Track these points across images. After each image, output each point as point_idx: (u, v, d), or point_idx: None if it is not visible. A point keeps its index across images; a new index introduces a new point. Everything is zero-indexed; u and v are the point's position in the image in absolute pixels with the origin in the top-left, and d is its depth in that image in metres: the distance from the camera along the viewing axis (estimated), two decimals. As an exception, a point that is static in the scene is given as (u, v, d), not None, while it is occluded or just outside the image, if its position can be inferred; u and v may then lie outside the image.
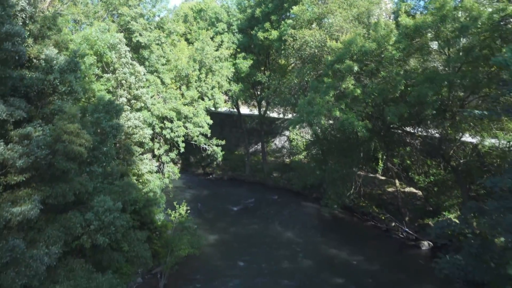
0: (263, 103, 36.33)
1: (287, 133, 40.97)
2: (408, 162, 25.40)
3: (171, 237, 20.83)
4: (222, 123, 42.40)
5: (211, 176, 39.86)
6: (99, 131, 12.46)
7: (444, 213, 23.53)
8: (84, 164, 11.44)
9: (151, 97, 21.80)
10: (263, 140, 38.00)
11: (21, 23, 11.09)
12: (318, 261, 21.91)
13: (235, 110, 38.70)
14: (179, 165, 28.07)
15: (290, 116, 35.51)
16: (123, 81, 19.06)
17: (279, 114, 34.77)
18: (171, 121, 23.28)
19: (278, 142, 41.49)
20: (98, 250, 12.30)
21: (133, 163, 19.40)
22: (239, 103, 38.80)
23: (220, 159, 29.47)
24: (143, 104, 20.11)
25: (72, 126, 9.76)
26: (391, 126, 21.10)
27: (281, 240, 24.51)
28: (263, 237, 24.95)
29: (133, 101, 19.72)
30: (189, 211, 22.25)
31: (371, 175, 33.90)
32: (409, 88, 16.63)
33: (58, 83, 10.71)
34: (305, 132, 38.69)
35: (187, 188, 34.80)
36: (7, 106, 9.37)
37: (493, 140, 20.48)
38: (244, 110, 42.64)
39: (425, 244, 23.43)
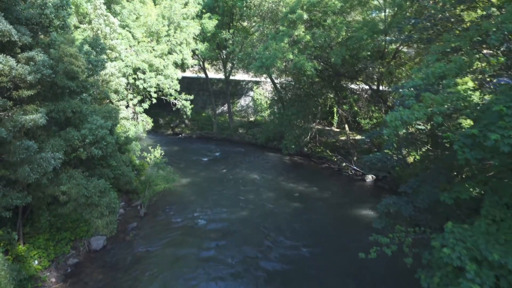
0: (228, 66, 38.66)
1: (251, 93, 43.70)
2: (356, 108, 28.99)
3: (148, 174, 23.40)
4: (189, 87, 44.38)
5: (180, 135, 42.11)
6: (88, 64, 14.54)
7: (386, 150, 27.45)
8: (78, 89, 13.64)
9: (125, 49, 23.63)
10: (229, 101, 40.50)
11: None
12: (278, 193, 25.31)
13: (202, 74, 40.80)
14: (149, 126, 30.05)
15: (253, 78, 38.42)
16: (99, 32, 20.80)
17: (244, 75, 37.38)
18: (144, 73, 25.30)
19: (243, 102, 44.17)
20: (92, 163, 14.73)
21: (111, 108, 21.45)
22: (206, 65, 40.91)
23: (189, 113, 31.75)
24: (117, 55, 21.94)
25: (72, 49, 11.90)
26: (340, 75, 24.38)
27: (247, 180, 27.66)
28: (230, 178, 27.98)
29: (108, 51, 21.52)
30: (163, 153, 24.85)
31: (327, 128, 37.67)
32: (349, 34, 19.75)
33: (54, 17, 12.70)
34: (268, 92, 41.61)
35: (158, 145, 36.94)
36: (16, 30, 11.36)
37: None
38: (211, 74, 44.74)
39: (369, 177, 27.48)
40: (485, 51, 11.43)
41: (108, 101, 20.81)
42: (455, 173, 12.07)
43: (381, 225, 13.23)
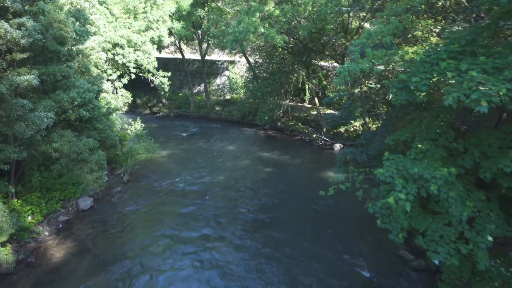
0: (204, 46, 39.73)
1: (227, 73, 45.03)
2: (324, 83, 31.03)
3: (130, 145, 24.68)
4: (166, 68, 44.98)
5: (158, 114, 43.10)
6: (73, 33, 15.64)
7: (352, 121, 29.78)
8: (66, 56, 14.82)
9: (103, 25, 24.50)
10: (205, 80, 41.73)
11: None
12: (253, 160, 27.19)
13: (178, 55, 41.67)
14: (129, 100, 30.99)
15: (228, 58, 39.78)
16: (78, 6, 21.64)
17: (219, 55, 38.59)
18: (122, 48, 26.27)
19: (219, 81, 45.47)
20: (80, 126, 16.04)
21: (92, 81, 22.50)
22: (182, 46, 41.84)
23: (166, 89, 32.89)
24: (97, 29, 22.83)
25: (61, 16, 13.05)
26: (308, 49, 26.23)
27: (223, 151, 29.37)
28: (208, 150, 29.60)
29: (87, 26, 22.36)
30: (143, 125, 26.14)
31: (300, 104, 39.68)
32: (315, 9, 21.55)
33: (40, -12, 13.77)
34: (243, 71, 43.05)
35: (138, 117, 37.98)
36: (8, -3, 12.43)
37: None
38: (187, 55, 45.65)
39: (337, 146, 29.74)
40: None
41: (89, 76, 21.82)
42: (399, 122, 14.20)
43: (340, 172, 15.31)
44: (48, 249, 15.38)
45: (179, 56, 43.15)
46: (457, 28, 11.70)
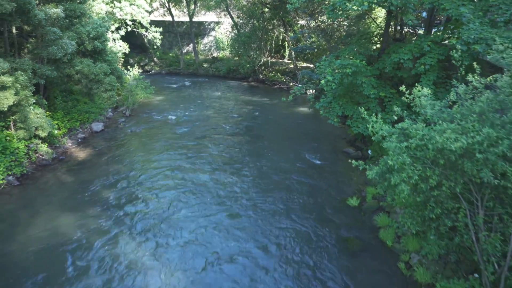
0: (191, 8, 42.95)
1: (213, 33, 48.52)
2: (299, 35, 35.05)
3: (129, 85, 28.67)
4: (156, 29, 48.40)
5: (150, 72, 46.68)
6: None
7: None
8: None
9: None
10: (193, 40, 45.18)
11: None
12: (237, 103, 31.49)
13: (167, 18, 44.85)
14: (126, 51, 34.34)
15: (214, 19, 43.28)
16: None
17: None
18: (119, 1, 29.77)
19: (207, 41, 49.01)
20: (94, 57, 20.03)
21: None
22: (170, 7, 45.01)
23: (158, 43, 36.54)
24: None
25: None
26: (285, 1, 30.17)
27: (211, 96, 33.56)
28: (198, 96, 33.74)
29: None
30: (140, 71, 30.06)
31: (280, 60, 43.78)
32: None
33: None
34: (228, 31, 46.59)
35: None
36: None
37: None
38: (176, 18, 48.78)
39: (311, 92, 34.15)
40: None
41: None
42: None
43: (299, 92, 19.80)
44: (73, 153, 19.70)
45: (168, 18, 46.28)
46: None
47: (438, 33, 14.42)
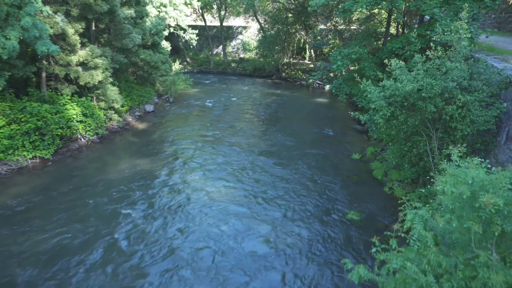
0: (222, 13, 48.19)
1: (241, 36, 53.63)
2: (319, 38, 39.56)
3: (172, 78, 33.79)
4: (189, 32, 53.99)
5: (183, 70, 52.09)
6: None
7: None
8: (145, 3, 23.72)
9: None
10: (223, 42, 50.37)
11: None
12: (262, 94, 36.18)
13: (199, 23, 50.29)
14: (168, 49, 39.70)
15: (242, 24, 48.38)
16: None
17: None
18: (165, 6, 35.11)
19: (235, 43, 54.15)
20: (152, 49, 25.10)
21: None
22: (203, 13, 50.43)
23: (194, 44, 41.78)
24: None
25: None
26: (305, 7, 34.82)
27: (239, 89, 38.40)
28: (227, 89, 38.63)
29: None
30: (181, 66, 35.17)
31: (301, 61, 48.36)
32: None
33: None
34: (254, 35, 51.59)
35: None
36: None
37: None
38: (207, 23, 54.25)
39: (327, 87, 38.52)
40: None
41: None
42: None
43: (317, 76, 24.25)
44: (134, 125, 24.74)
45: (199, 23, 51.64)
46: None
47: (421, 28, 18.67)
